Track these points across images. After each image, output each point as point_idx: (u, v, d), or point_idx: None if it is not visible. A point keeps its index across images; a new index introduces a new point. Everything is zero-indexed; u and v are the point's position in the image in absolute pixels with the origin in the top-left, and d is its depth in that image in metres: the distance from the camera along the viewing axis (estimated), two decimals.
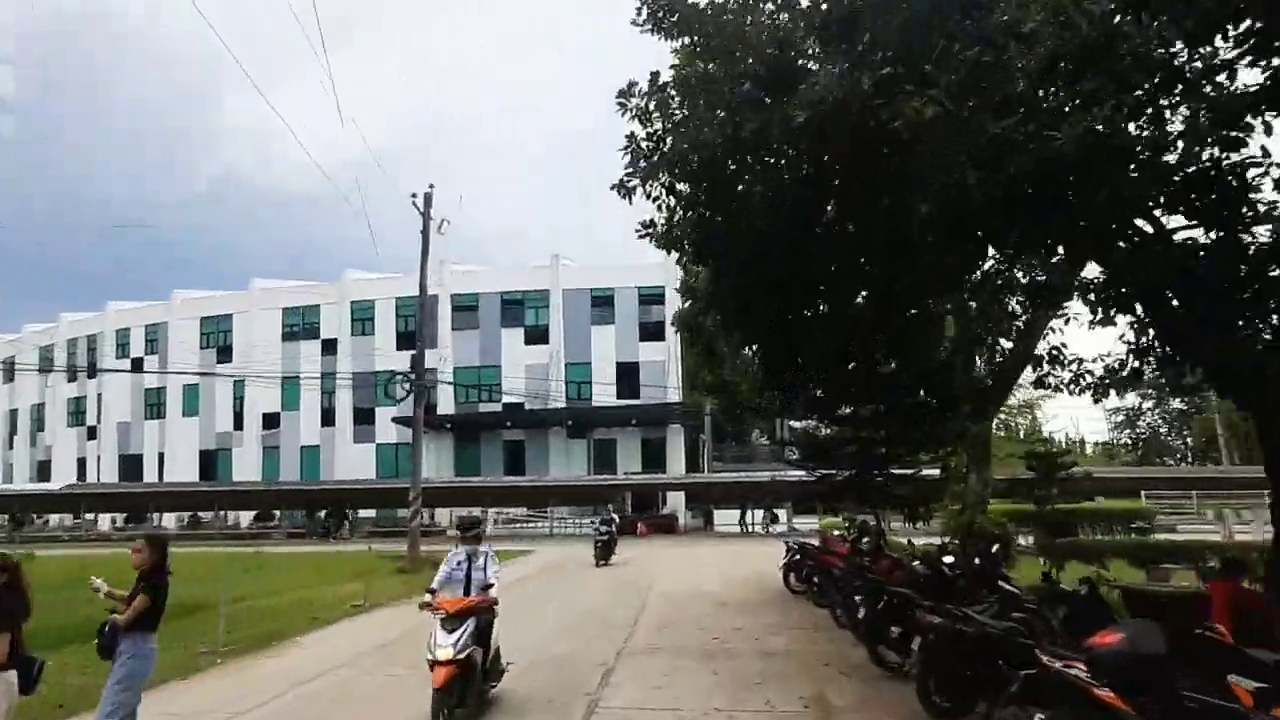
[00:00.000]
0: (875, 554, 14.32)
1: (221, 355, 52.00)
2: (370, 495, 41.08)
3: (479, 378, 48.01)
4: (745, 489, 40.00)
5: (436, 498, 40.91)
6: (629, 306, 47.24)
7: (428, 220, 22.34)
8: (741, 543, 34.31)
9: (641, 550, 29.74)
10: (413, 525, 22.78)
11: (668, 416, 45.04)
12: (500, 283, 48.00)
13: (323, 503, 40.88)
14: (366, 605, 15.06)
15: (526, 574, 21.70)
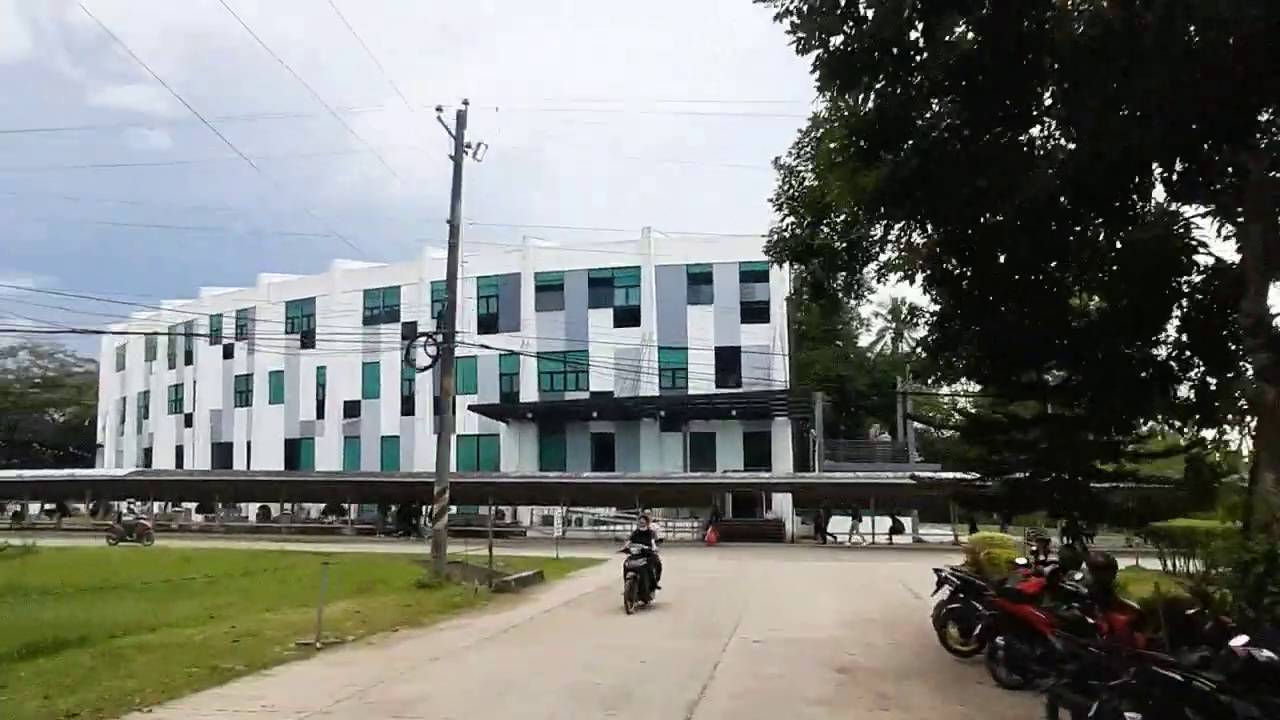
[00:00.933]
0: (1100, 598, 8.53)
1: (305, 340, 49.76)
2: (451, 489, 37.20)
3: (564, 363, 43.60)
4: (863, 491, 33.80)
5: (515, 494, 36.70)
6: (729, 284, 41.73)
7: (460, 143, 17.72)
8: (862, 557, 28.23)
9: (728, 565, 24.24)
10: (437, 526, 18.16)
11: (773, 408, 39.27)
12: (587, 259, 43.41)
13: (394, 497, 37.34)
14: (319, 644, 10.33)
15: (571, 598, 16.71)
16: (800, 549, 31.64)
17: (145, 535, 28.70)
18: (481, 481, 34.66)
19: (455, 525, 36.87)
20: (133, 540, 28.28)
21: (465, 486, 35.68)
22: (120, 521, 29.63)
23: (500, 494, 36.22)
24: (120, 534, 28.58)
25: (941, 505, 38.31)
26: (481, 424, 44.11)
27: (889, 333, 78.48)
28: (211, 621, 12.14)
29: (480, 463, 43.77)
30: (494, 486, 34.92)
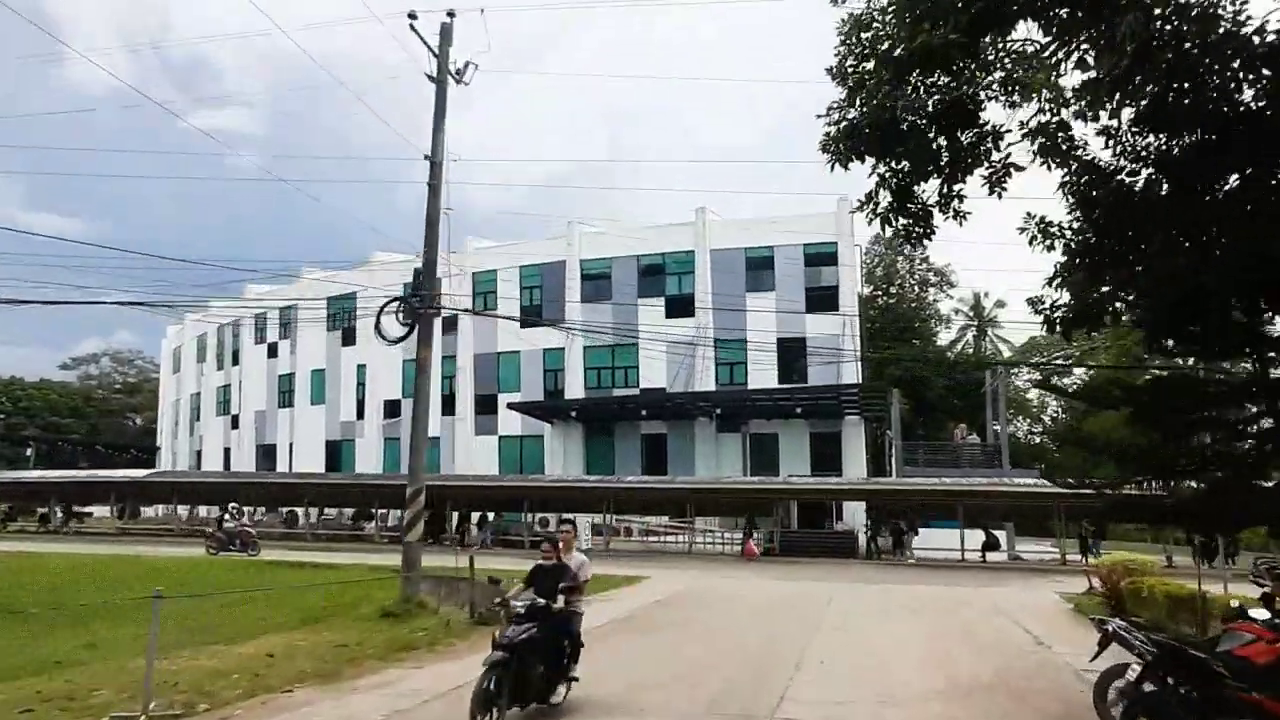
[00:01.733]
0: None
1: (346, 338, 47.54)
2: (482, 494, 33.91)
3: (612, 358, 40.00)
4: (948, 500, 29.09)
5: (553, 500, 33.23)
6: (792, 269, 37.48)
7: (444, 63, 14.23)
8: (952, 580, 23.64)
9: (783, 590, 20.13)
10: (407, 538, 14.62)
11: (843, 405, 34.82)
12: (637, 245, 39.76)
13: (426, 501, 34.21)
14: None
15: None
16: (875, 567, 27.17)
17: (250, 544, 26.29)
18: (514, 485, 31.32)
19: (515, 534, 33.68)
20: (237, 549, 25.96)
21: (499, 491, 32.38)
22: (221, 528, 27.20)
23: (538, 500, 32.80)
24: (222, 542, 26.24)
25: (1039, 518, 33.21)
26: (525, 424, 40.90)
27: (971, 330, 72.62)
28: (62, 668, 8.84)
29: (524, 465, 40.55)
30: (529, 491, 31.50)
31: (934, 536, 31.54)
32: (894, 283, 71.16)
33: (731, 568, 25.83)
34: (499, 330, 42.27)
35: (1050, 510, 29.25)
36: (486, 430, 42.12)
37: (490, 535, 33.28)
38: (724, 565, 26.78)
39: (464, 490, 33.20)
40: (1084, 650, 8.09)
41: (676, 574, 22.72)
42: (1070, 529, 31.00)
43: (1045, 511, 29.90)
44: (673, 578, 21.53)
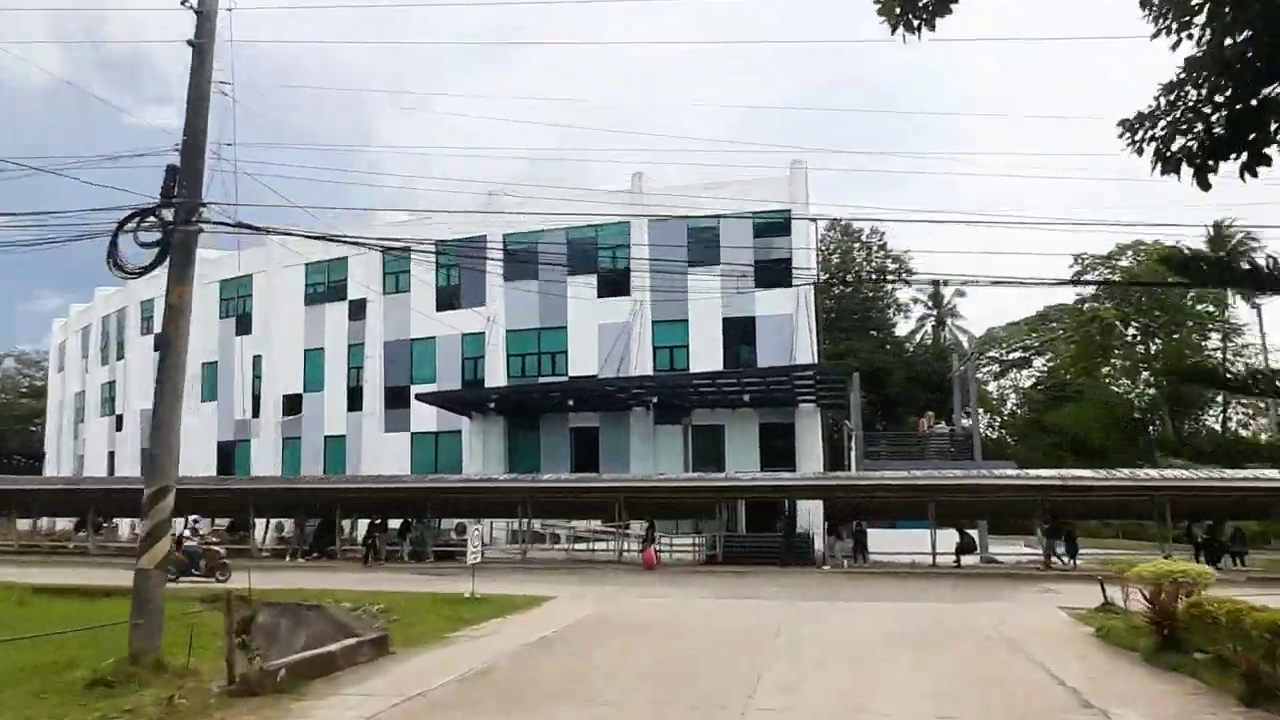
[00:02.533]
0: None
1: (241, 325, 42.26)
2: (379, 498, 29.00)
3: (538, 342, 35.56)
4: (918, 497, 25.28)
5: (464, 504, 28.66)
6: (740, 239, 33.49)
7: None
8: (929, 591, 19.71)
9: (717, 611, 16.02)
10: (141, 563, 9.92)
11: (798, 391, 30.89)
12: (565, 216, 35.37)
13: (307, 505, 29.27)
14: None
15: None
16: (836, 576, 23.16)
17: (219, 567, 20.52)
18: (413, 487, 26.66)
19: (395, 546, 28.90)
20: (200, 575, 20.23)
21: (395, 494, 27.71)
22: (182, 547, 20.14)
23: (443, 504, 28.20)
24: (183, 566, 19.87)
25: (1015, 516, 29.64)
26: (441, 419, 36.22)
27: (930, 320, 69.81)
28: None
29: (439, 465, 35.87)
30: (429, 494, 26.87)
31: (899, 538, 27.78)
32: (851, 270, 68.06)
33: (662, 582, 21.61)
34: (412, 315, 37.53)
35: (1030, 507, 25.66)
36: (398, 426, 37.31)
37: (411, 545, 28.44)
38: (654, 578, 22.54)
39: (355, 495, 28.36)
40: None
41: (591, 592, 18.39)
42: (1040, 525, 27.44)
43: (1023, 509, 26.32)
44: (583, 598, 17.21)
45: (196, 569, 20.31)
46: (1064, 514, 24.87)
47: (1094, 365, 59.90)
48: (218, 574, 20.24)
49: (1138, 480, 21.55)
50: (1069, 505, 24.69)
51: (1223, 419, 57.11)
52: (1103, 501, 24.46)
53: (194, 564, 20.39)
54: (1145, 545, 34.46)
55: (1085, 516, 28.29)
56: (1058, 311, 65.60)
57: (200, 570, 20.35)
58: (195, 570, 20.30)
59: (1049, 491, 22.87)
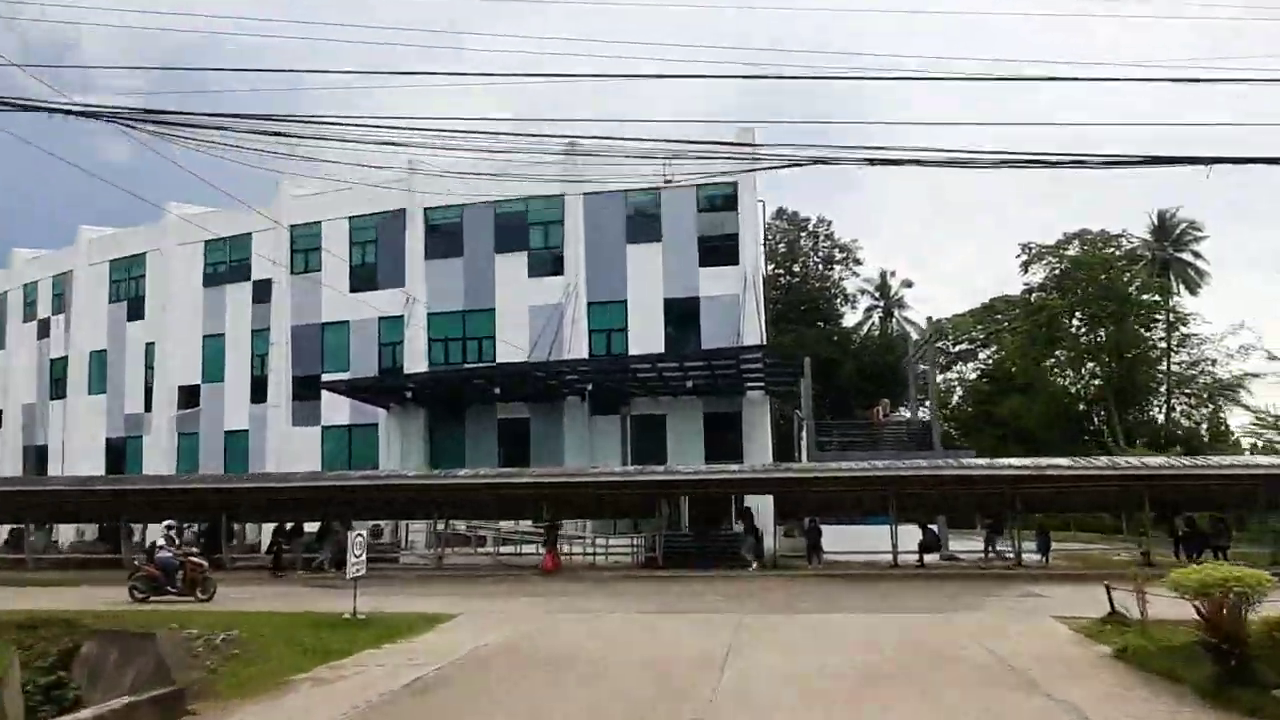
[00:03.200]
0: None
1: (133, 310, 38.00)
2: (272, 498, 25.40)
3: (463, 326, 32.32)
4: (875, 490, 22.91)
5: (373, 506, 25.34)
6: (683, 214, 30.80)
7: None
8: (897, 596, 17.22)
9: (636, 630, 13.23)
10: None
11: (744, 377, 28.33)
12: (494, 189, 32.18)
13: (190, 509, 25.51)
14: None
15: None
16: (787, 581, 20.58)
17: (200, 582, 16.77)
18: (308, 486, 23.22)
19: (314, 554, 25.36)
20: (176, 592, 16.56)
21: (298, 494, 24.27)
22: (155, 559, 17.03)
23: (360, 504, 24.84)
24: (156, 581, 16.59)
25: (979, 510, 27.55)
26: (356, 411, 32.70)
27: (877, 311, 68.31)
28: None
29: (353, 461, 32.35)
30: (330, 493, 23.49)
31: (855, 536, 25.42)
32: (798, 260, 66.10)
33: (593, 592, 18.76)
34: (324, 297, 33.89)
35: (995, 500, 23.50)
36: (307, 420, 33.61)
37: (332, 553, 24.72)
38: (582, 588, 19.67)
39: (243, 496, 24.71)
40: None
41: (504, 608, 15.43)
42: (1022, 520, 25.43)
43: (989, 502, 24.15)
44: (491, 616, 14.26)
45: (173, 585, 16.66)
46: (1035, 508, 22.81)
47: (1041, 355, 58.99)
48: (199, 590, 16.63)
49: (1118, 469, 19.48)
50: (1037, 498, 22.61)
51: (1166, 409, 56.65)
52: (1075, 493, 22.44)
53: (170, 579, 16.73)
54: (1106, 539, 32.88)
55: (1056, 510, 26.38)
56: (1004, 304, 64.77)
57: (177, 586, 16.69)
58: (171, 587, 16.67)
59: (1022, 483, 20.70)
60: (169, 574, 16.78)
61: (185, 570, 16.83)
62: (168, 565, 16.88)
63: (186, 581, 16.72)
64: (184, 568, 16.89)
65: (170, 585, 16.70)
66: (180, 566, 16.89)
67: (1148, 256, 56.07)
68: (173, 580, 16.74)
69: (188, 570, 16.86)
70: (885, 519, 23.71)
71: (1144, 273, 54.90)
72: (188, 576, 16.77)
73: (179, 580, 16.73)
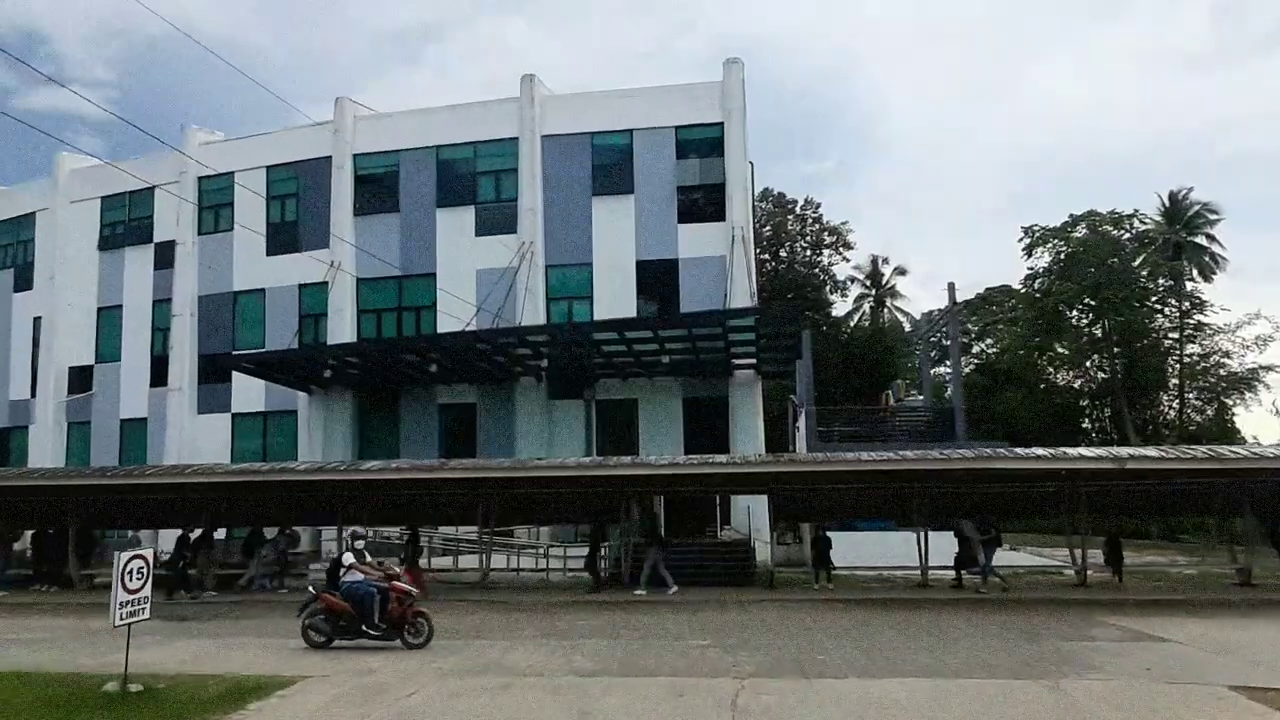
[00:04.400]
0: None
1: (20, 280, 32.23)
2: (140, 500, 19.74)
3: (399, 294, 26.93)
4: (899, 487, 17.79)
5: (295, 506, 19.88)
6: (660, 161, 25.59)
7: None
8: (949, 639, 11.97)
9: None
10: None
11: (732, 355, 23.13)
12: (436, 131, 26.88)
13: (33, 512, 19.84)
14: None
15: None
16: (794, 610, 15.36)
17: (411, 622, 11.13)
18: (171, 484, 17.60)
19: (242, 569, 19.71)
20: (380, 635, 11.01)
21: (169, 494, 18.70)
22: (343, 586, 11.14)
23: (261, 506, 19.35)
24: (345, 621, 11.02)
25: (1028, 513, 22.49)
26: (273, 396, 27.19)
27: (868, 300, 63.47)
28: None
29: (268, 454, 26.87)
30: (207, 491, 17.92)
31: (852, 543, 20.34)
32: (784, 244, 61.11)
33: (520, 634, 13.47)
34: (235, 262, 28.38)
35: (1049, 500, 18.45)
36: (215, 406, 28.04)
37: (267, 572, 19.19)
38: (508, 624, 14.39)
39: (75, 494, 18.98)
40: None
41: (374, 664, 10.05)
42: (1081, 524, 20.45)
43: (1039, 502, 19.09)
44: (348, 683, 8.91)
45: (371, 625, 10.88)
46: (1105, 508, 17.78)
47: (1043, 347, 54.40)
48: (408, 631, 10.92)
49: (1223, 461, 14.47)
50: (1109, 497, 17.57)
51: (1180, 403, 52.08)
52: (1158, 492, 17.43)
53: (366, 615, 10.88)
54: (1157, 548, 28.01)
55: (1129, 512, 21.40)
56: (999, 294, 60.23)
57: (379, 627, 10.88)
58: (370, 628, 10.88)
59: (1098, 478, 15.69)
60: (364, 608, 10.91)
61: (391, 602, 10.98)
62: (363, 595, 10.91)
63: (396, 616, 10.95)
64: (388, 599, 10.98)
65: (367, 625, 10.90)
66: (378, 597, 10.97)
67: (1159, 240, 51.54)
68: (369, 617, 10.91)
69: (395, 602, 10.99)
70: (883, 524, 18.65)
71: (1156, 256, 50.35)
72: (394, 612, 10.97)
73: (379, 616, 10.93)
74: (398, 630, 10.92)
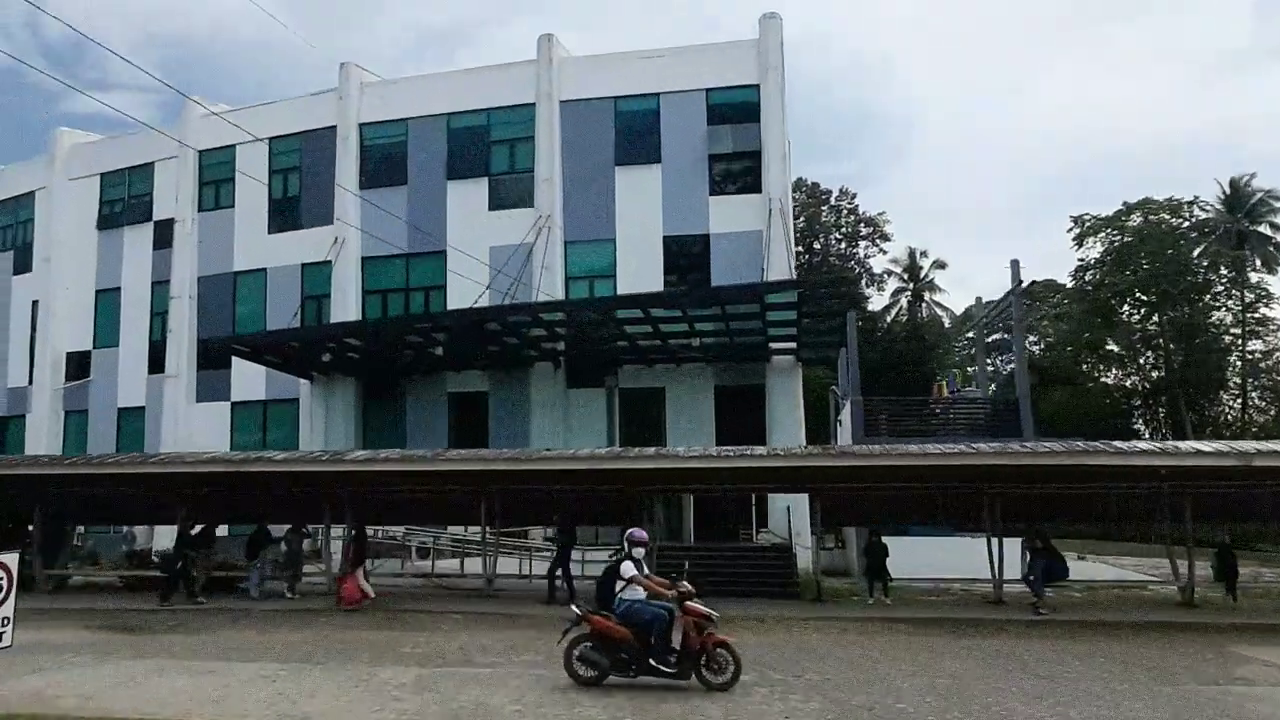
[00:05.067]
0: None
1: (20, 262, 30.61)
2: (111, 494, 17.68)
3: (406, 274, 24.75)
4: (975, 487, 15.14)
5: (286, 500, 17.69)
6: (689, 127, 23.11)
7: None
8: (1074, 683, 9.25)
9: None
10: None
11: (770, 338, 20.57)
12: (446, 98, 24.65)
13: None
14: None
15: None
16: (850, 632, 12.77)
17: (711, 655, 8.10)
18: (136, 473, 15.44)
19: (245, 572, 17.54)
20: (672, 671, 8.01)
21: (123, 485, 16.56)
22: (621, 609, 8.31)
23: (235, 500, 17.21)
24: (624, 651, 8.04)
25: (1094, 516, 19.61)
26: (274, 384, 25.16)
27: (906, 294, 60.32)
28: None
29: (269, 445, 24.81)
30: (201, 484, 15.76)
31: (911, 550, 17.63)
32: (818, 236, 58.27)
33: (508, 663, 11.04)
34: (236, 240, 26.42)
35: (1136, 504, 15.65)
36: (214, 394, 26.07)
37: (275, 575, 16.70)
38: (482, 636, 12.00)
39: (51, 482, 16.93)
40: None
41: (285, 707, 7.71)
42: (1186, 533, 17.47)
43: (1131, 506, 16.27)
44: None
45: (661, 660, 8.01)
46: (1210, 515, 14.99)
47: (1095, 342, 51.00)
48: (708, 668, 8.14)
49: None
50: (1214, 499, 14.76)
51: (1243, 401, 48.38)
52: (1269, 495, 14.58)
53: (660, 645, 7.99)
54: None
55: (1235, 519, 18.48)
56: (1044, 289, 56.74)
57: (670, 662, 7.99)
58: (660, 663, 7.99)
59: (1216, 477, 12.95)
60: (654, 635, 7.97)
61: (688, 629, 7.98)
62: (651, 619, 8.06)
63: (688, 650, 7.95)
64: (681, 624, 7.99)
65: (657, 658, 7.95)
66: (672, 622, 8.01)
67: (1220, 229, 47.83)
68: (663, 648, 7.95)
69: (691, 629, 7.99)
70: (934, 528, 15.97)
71: (1217, 246, 46.70)
72: (692, 643, 7.95)
73: (674, 647, 7.93)
74: (693, 664, 8.06)
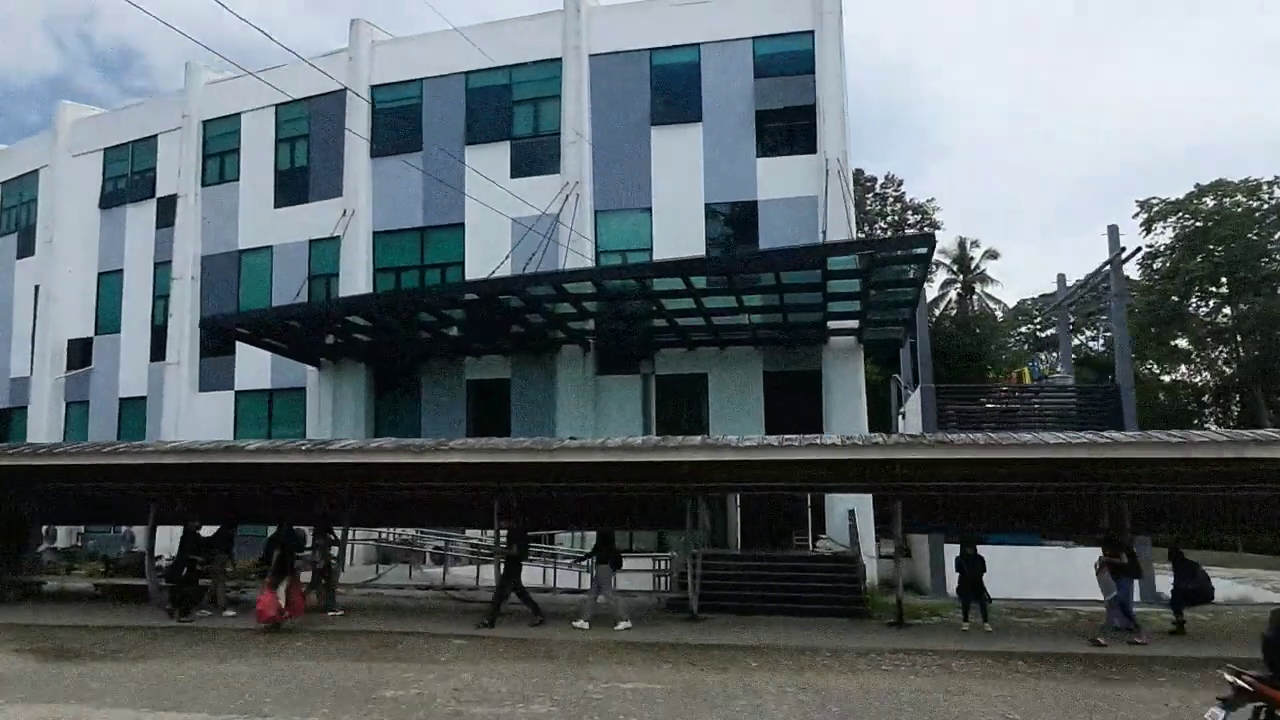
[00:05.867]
0: None
1: (23, 245, 28.82)
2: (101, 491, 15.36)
3: (420, 249, 22.29)
4: (1104, 487, 12.16)
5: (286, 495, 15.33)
6: (733, 81, 20.31)
7: None
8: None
9: None
10: None
11: (827, 317, 17.68)
12: (465, 55, 22.10)
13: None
14: None
15: None
16: (948, 671, 9.89)
17: None
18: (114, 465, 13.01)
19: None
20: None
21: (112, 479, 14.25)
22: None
23: (215, 497, 14.85)
24: None
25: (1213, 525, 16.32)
26: (280, 371, 22.89)
27: (955, 286, 56.69)
28: None
29: (274, 436, 22.50)
30: (176, 476, 13.40)
31: (1000, 561, 14.59)
32: (863, 226, 54.96)
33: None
34: (241, 217, 24.22)
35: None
36: (217, 383, 23.87)
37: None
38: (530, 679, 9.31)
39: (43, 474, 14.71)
40: None
41: None
42: None
43: (1249, 509, 13.16)
44: None
45: None
46: None
47: (1164, 336, 47.22)
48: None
49: None
50: None
51: None
52: None
53: None
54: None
55: None
56: (1105, 281, 52.59)
57: None
58: None
59: None
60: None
61: None
62: None
63: None
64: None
65: None
66: None
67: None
68: None
69: None
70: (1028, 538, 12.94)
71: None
72: None
73: None
74: None
